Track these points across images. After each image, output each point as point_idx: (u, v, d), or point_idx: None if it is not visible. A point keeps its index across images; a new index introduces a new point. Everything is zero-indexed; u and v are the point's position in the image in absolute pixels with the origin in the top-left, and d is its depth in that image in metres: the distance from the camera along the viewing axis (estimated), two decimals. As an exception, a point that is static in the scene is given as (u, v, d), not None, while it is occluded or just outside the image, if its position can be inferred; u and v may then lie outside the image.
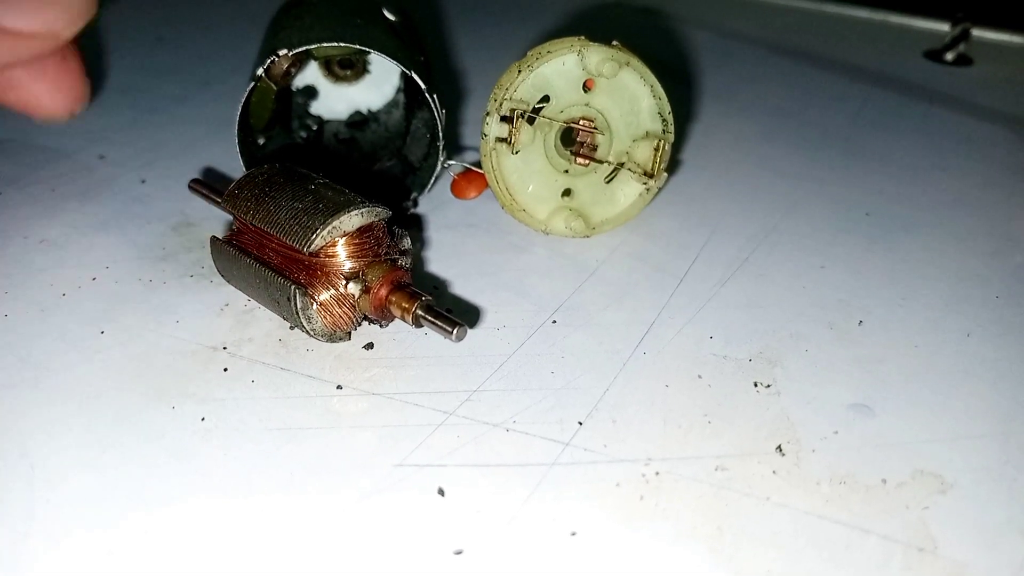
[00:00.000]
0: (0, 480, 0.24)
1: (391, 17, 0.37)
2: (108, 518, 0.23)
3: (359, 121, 0.43)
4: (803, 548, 0.23)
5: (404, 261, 0.29)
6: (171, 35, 0.58)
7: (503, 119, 0.34)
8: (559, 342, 0.30)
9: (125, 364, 0.28)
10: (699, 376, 0.29)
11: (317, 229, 0.27)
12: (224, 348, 0.29)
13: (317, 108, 0.43)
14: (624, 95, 0.34)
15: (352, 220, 0.27)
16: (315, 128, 0.42)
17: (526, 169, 0.35)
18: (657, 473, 0.25)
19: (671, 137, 0.35)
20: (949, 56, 0.57)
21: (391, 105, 0.43)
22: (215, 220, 0.36)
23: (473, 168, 0.36)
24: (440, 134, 0.35)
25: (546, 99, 0.34)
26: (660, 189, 0.36)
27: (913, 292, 0.33)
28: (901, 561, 0.23)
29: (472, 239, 0.36)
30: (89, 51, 0.54)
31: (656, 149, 0.35)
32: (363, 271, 0.28)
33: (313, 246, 0.27)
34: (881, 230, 0.37)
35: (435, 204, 0.38)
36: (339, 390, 0.28)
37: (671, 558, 0.23)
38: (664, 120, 0.35)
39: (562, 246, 0.36)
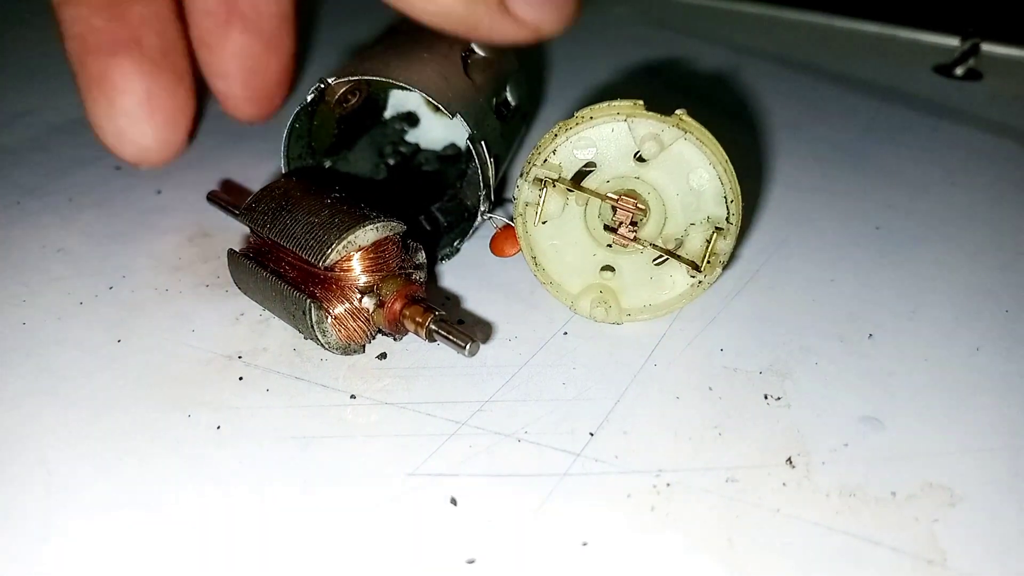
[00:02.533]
0: (18, 486, 0.24)
1: (481, 53, 0.36)
2: (124, 524, 0.23)
3: (452, 155, 0.41)
4: (813, 560, 0.23)
5: (418, 275, 0.30)
6: (186, 47, 0.58)
7: (536, 181, 0.30)
8: (570, 353, 0.30)
9: (141, 372, 0.29)
10: (710, 388, 0.29)
11: (332, 244, 0.27)
12: (239, 357, 0.30)
13: (415, 135, 0.41)
14: (682, 172, 0.30)
15: (367, 235, 0.28)
16: (407, 155, 0.41)
17: (561, 239, 0.32)
18: (668, 484, 0.25)
19: (733, 228, 0.30)
20: (959, 71, 0.57)
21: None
22: (230, 231, 0.36)
23: (513, 224, 0.32)
24: (481, 183, 0.33)
25: (594, 165, 0.31)
26: (711, 284, 0.31)
27: (923, 306, 0.33)
28: (910, 574, 0.23)
29: (484, 251, 0.36)
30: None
31: (708, 240, 0.30)
32: (378, 285, 0.28)
33: (328, 260, 0.27)
34: (891, 244, 0.37)
35: (447, 216, 0.39)
36: (352, 399, 0.28)
37: (682, 569, 0.23)
38: (728, 207, 0.30)
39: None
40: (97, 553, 0.23)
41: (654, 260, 0.31)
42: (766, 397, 0.29)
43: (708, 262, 0.30)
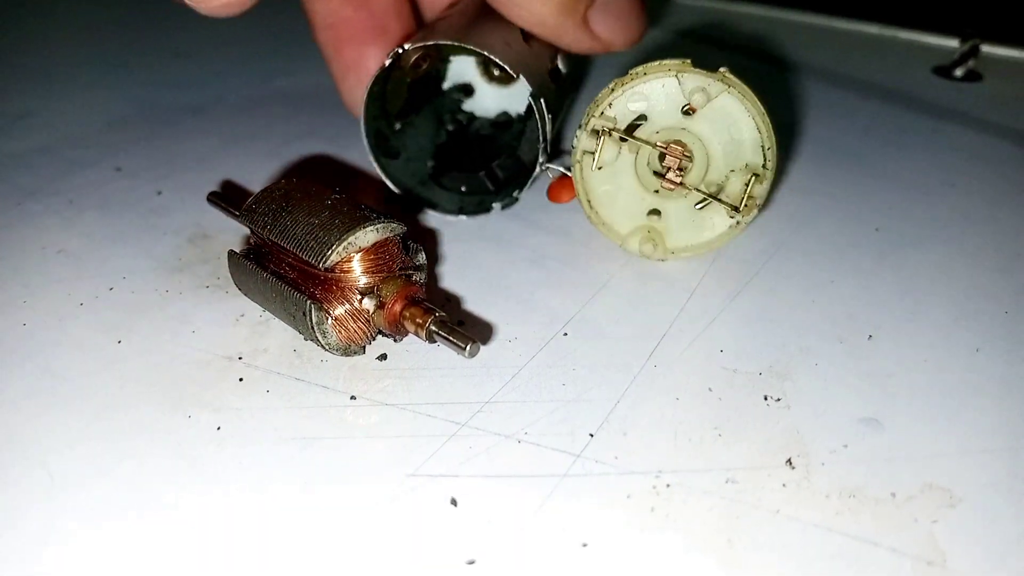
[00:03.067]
0: (19, 488, 0.25)
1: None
2: (125, 525, 0.23)
3: (504, 122, 0.44)
4: (812, 561, 0.23)
5: (418, 276, 0.30)
6: (187, 49, 0.59)
7: (593, 132, 0.34)
8: (570, 355, 0.30)
9: (142, 373, 0.29)
10: (709, 389, 0.29)
11: (333, 245, 0.27)
12: (239, 358, 0.30)
13: (470, 105, 0.44)
14: (724, 124, 0.33)
15: (367, 236, 0.28)
16: (464, 123, 0.44)
17: (613, 184, 0.35)
18: (668, 485, 0.25)
19: (769, 173, 0.34)
20: (958, 72, 0.57)
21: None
22: (230, 232, 0.36)
23: (568, 174, 0.36)
24: (540, 137, 0.36)
25: (645, 118, 0.34)
26: (748, 224, 0.35)
27: (922, 307, 0.33)
28: (910, 575, 0.23)
29: (484, 253, 0.36)
30: (106, 65, 0.55)
31: (747, 183, 0.33)
32: (378, 286, 0.28)
33: (329, 261, 0.27)
34: (890, 245, 0.38)
35: (448, 217, 0.39)
36: (353, 400, 0.28)
37: (681, 569, 0.23)
38: (764, 155, 0.33)
39: (573, 259, 0.36)
40: (98, 554, 0.23)
41: (696, 204, 0.34)
42: (766, 398, 0.29)
43: (746, 205, 0.34)
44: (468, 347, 0.26)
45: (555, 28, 0.36)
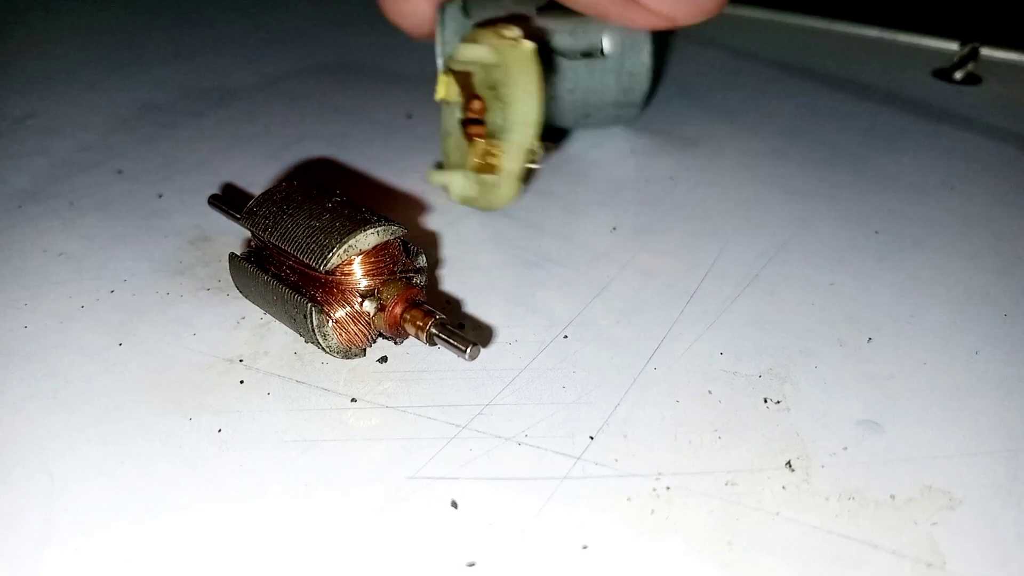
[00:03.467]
0: (20, 490, 0.25)
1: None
2: (126, 528, 0.23)
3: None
4: (812, 563, 0.23)
5: (419, 279, 0.30)
6: (188, 51, 0.59)
7: (444, 72, 0.38)
8: (570, 357, 0.30)
9: (143, 376, 0.29)
10: (709, 392, 0.29)
11: (333, 248, 0.27)
12: (240, 361, 0.30)
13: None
14: (516, 92, 0.35)
15: (368, 239, 0.28)
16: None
17: (451, 119, 0.39)
18: (668, 487, 0.25)
19: (509, 147, 0.35)
20: (958, 75, 0.57)
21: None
22: (231, 234, 0.36)
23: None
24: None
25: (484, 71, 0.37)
26: (484, 195, 0.37)
27: (922, 309, 0.33)
28: (910, 577, 0.23)
29: (484, 255, 0.36)
30: (107, 67, 0.55)
31: (491, 147, 0.36)
32: (378, 289, 0.28)
33: (329, 264, 0.27)
34: (890, 248, 0.38)
35: (449, 219, 0.39)
36: (353, 403, 0.28)
37: (682, 572, 0.23)
38: (514, 128, 0.35)
39: (574, 262, 0.36)
40: (98, 556, 0.23)
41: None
42: (765, 400, 0.29)
43: (480, 169, 0.37)
44: (468, 350, 0.26)
45: (593, 7, 0.37)
